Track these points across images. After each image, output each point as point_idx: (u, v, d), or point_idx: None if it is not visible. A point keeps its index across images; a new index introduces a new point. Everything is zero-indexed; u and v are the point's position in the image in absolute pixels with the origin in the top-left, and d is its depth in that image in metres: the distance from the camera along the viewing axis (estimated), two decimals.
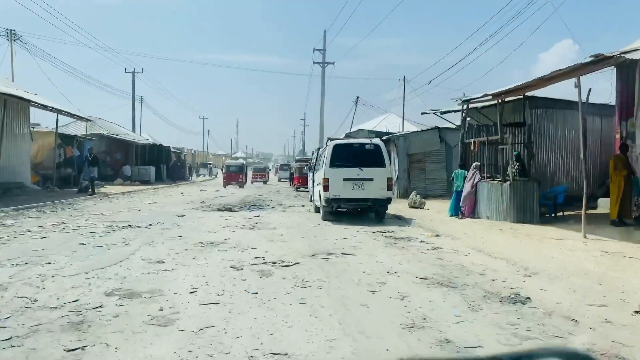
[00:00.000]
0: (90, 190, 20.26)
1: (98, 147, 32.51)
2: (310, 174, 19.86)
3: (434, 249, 8.54)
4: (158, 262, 7.02)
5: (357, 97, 41.00)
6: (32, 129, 24.22)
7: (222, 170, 51.29)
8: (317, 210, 14.69)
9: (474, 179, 13.24)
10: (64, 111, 20.95)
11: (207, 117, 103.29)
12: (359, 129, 35.83)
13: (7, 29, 26.79)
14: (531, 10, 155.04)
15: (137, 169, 33.64)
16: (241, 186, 34.20)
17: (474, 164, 13.69)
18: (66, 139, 24.52)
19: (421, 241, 9.42)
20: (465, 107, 15.03)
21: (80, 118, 21.32)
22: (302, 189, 29.51)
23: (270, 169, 58.07)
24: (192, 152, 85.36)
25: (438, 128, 21.40)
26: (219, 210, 16.06)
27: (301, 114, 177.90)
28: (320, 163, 14.47)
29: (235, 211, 15.78)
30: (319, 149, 21.61)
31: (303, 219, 13.55)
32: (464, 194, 13.36)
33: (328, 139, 18.50)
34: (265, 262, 7.13)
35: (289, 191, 30.52)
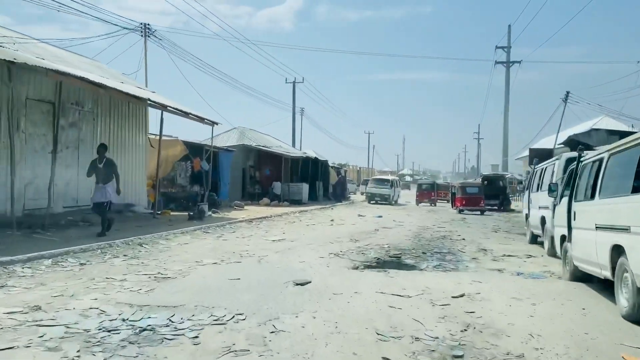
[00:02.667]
0: (198, 214, 14.73)
1: (243, 161, 27.87)
2: (527, 193, 15.16)
3: None
4: None
5: (567, 93, 30.68)
6: (155, 136, 19.84)
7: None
8: (533, 240, 12.76)
9: None
10: (192, 114, 15.82)
11: (372, 132, 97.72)
12: (591, 130, 25.62)
13: (141, 23, 23.31)
14: None
15: (287, 187, 28.23)
16: (433, 203, 35.25)
17: None
18: (193, 150, 19.63)
19: None
20: None
21: (202, 120, 16.11)
22: (465, 211, 26.41)
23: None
24: (358, 168, 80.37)
25: None
26: (377, 264, 8.89)
27: (473, 127, 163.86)
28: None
29: (407, 267, 8.52)
30: (535, 163, 14.65)
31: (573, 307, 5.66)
32: None
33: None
34: None
35: (461, 216, 22.17)
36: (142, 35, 23.19)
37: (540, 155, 32.17)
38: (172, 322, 4.69)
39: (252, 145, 28.03)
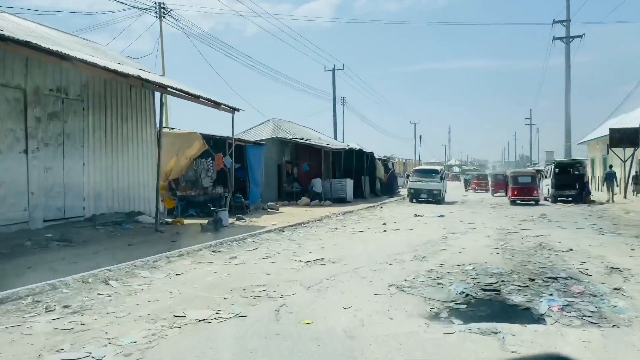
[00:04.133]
0: (213, 224, 11.56)
1: (278, 157, 24.68)
2: None
3: None
4: None
5: None
6: (170, 129, 16.85)
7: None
8: None
9: None
10: (203, 98, 12.69)
11: (418, 122, 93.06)
12: None
13: (156, 2, 20.37)
14: None
15: (329, 184, 24.85)
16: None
17: None
18: (216, 145, 16.52)
19: None
20: None
21: (218, 106, 12.89)
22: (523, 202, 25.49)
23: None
24: (404, 160, 76.13)
25: None
26: (468, 308, 5.41)
27: (524, 113, 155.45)
28: None
29: (518, 312, 5.10)
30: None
31: None
32: None
33: None
34: None
35: (537, 211, 18.06)
36: (156, 17, 20.31)
37: (624, 135, 27.62)
38: None
39: (287, 138, 24.78)
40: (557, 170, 26.54)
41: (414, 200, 26.45)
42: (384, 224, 14.55)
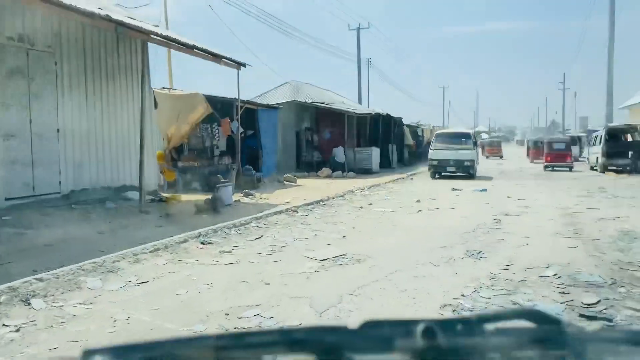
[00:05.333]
0: (212, 204, 9.47)
1: (297, 123, 22.44)
2: None
3: None
4: None
5: None
6: (166, 90, 14.72)
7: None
8: None
9: None
10: (198, 48, 10.49)
11: (447, 86, 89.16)
12: None
13: None
14: None
15: (353, 153, 22.54)
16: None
17: None
18: (224, 108, 14.35)
19: None
20: None
21: (218, 59, 10.65)
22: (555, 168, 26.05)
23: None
24: (431, 127, 73.03)
25: None
26: None
27: (557, 77, 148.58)
28: None
29: None
30: None
31: None
32: None
33: None
34: None
35: (595, 184, 15.38)
36: None
37: None
38: None
39: (306, 102, 22.44)
40: (608, 136, 23.67)
41: (437, 176, 20.27)
42: (418, 201, 12.28)
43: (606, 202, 12.27)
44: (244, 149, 14.77)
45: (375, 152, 23.52)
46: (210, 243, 6.95)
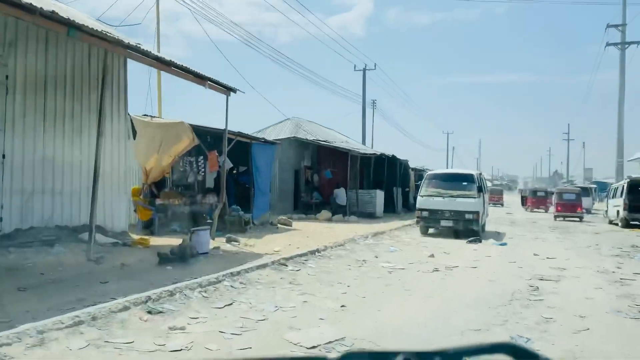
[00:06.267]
0: (180, 253, 7.65)
1: (296, 160, 20.83)
2: None
3: None
4: None
5: None
6: (147, 118, 13.09)
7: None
8: None
9: None
10: (177, 65, 8.93)
11: (451, 132, 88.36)
12: None
13: None
14: None
15: (356, 195, 20.80)
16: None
17: None
18: (213, 140, 12.72)
19: None
20: None
21: (202, 81, 9.03)
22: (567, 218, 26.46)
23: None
24: None
25: None
26: None
27: (561, 128, 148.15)
28: None
29: None
30: None
31: None
32: None
33: None
34: None
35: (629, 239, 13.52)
36: None
37: None
38: None
39: (307, 139, 20.87)
40: (630, 188, 21.93)
41: (429, 231, 15.77)
42: (432, 255, 10.46)
43: None
44: (234, 186, 13.10)
45: (380, 195, 21.79)
46: (161, 312, 5.12)
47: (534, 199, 38.28)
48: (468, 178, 15.68)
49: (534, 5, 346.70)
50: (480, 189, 15.33)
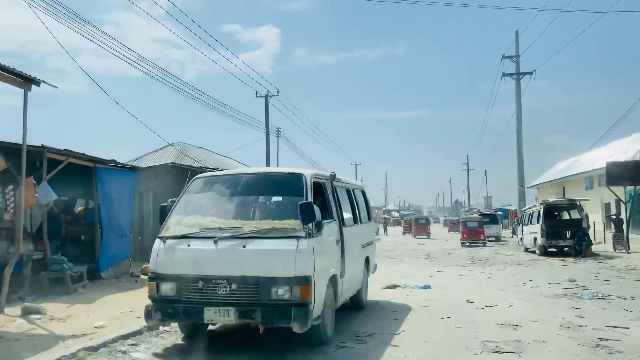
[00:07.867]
0: None
1: (174, 192, 17.14)
2: None
3: None
4: None
5: None
6: None
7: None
8: None
9: None
10: None
11: (359, 164, 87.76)
12: None
13: None
14: None
15: None
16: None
17: None
18: (31, 164, 8.92)
19: None
20: None
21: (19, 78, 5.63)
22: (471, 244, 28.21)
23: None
24: None
25: None
26: None
27: (459, 159, 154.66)
28: None
29: None
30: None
31: None
32: None
33: None
34: None
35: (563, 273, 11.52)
36: None
37: (625, 170, 22.37)
38: None
39: (191, 166, 17.32)
40: (546, 213, 20.55)
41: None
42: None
43: (618, 309, 8.15)
44: (61, 227, 9.43)
45: None
46: None
47: (416, 226, 42.09)
48: (290, 188, 6.04)
49: (432, 45, 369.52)
50: (330, 214, 6.31)
